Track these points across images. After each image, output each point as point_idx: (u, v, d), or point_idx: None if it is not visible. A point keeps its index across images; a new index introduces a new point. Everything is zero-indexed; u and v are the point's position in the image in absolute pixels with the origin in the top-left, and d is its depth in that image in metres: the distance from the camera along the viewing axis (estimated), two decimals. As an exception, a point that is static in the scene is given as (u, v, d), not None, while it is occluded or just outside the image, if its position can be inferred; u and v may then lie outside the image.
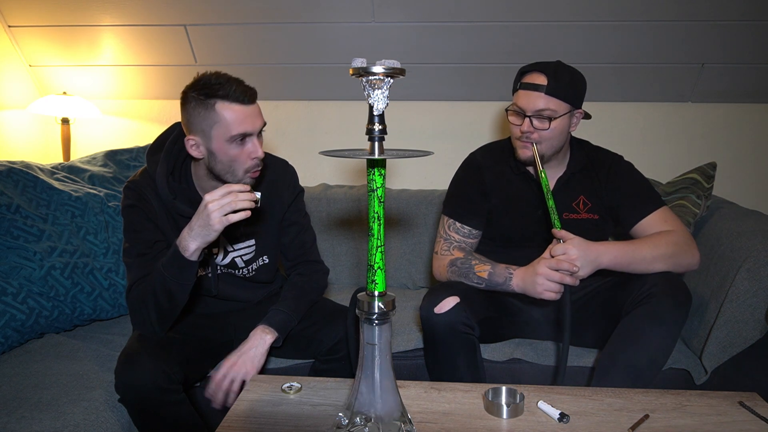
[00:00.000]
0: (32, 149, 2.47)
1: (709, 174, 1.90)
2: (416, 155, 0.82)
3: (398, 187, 2.32)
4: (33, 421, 1.18)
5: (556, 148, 1.51)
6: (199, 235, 1.22)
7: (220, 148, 1.28)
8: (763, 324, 1.51)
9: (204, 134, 1.28)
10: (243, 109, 1.27)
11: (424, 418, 1.06)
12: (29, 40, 2.33)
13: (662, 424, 1.05)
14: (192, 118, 1.28)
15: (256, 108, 1.31)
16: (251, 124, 1.28)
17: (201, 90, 1.25)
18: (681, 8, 2.01)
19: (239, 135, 1.27)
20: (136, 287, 1.32)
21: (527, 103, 1.45)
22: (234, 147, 1.29)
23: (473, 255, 1.58)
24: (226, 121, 1.26)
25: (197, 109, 1.27)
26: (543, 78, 1.44)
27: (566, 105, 1.45)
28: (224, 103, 1.25)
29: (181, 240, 1.24)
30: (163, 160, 1.36)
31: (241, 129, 1.27)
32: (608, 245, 1.40)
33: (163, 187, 1.34)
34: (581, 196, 1.57)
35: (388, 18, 2.13)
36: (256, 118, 1.30)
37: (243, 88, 1.27)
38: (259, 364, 1.36)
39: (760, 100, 2.33)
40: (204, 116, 1.26)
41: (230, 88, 1.25)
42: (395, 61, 0.78)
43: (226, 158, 1.30)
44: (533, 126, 1.45)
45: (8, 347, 1.51)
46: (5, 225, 1.57)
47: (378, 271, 0.87)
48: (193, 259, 1.25)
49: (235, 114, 1.26)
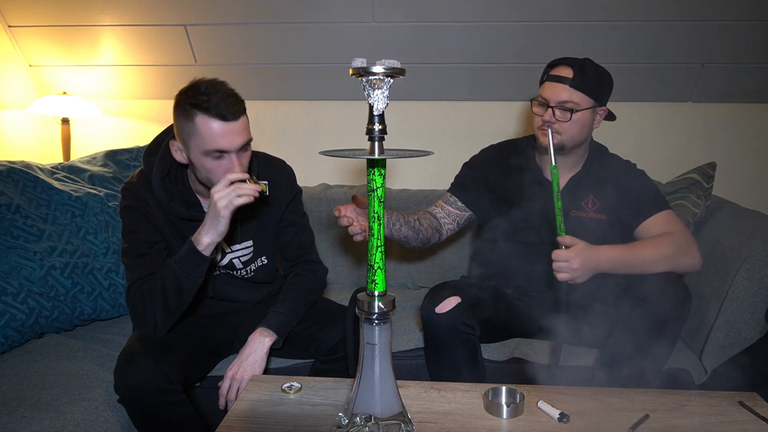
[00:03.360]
0: (32, 149, 2.47)
1: (709, 174, 1.90)
2: (416, 155, 0.82)
3: (398, 187, 2.32)
4: (33, 421, 1.18)
5: (576, 141, 1.51)
6: (210, 227, 1.26)
7: (197, 158, 1.29)
8: (763, 324, 1.51)
9: (184, 143, 1.29)
10: (222, 126, 1.23)
11: (424, 418, 1.06)
12: (29, 40, 2.33)
13: (662, 424, 1.05)
14: (177, 124, 1.29)
15: (239, 125, 1.26)
16: (229, 141, 1.25)
17: (189, 98, 1.24)
18: (681, 8, 2.01)
19: (214, 151, 1.26)
20: (137, 287, 1.33)
21: (551, 94, 1.48)
22: (210, 161, 1.28)
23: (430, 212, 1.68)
24: (203, 136, 1.24)
25: (181, 117, 1.27)
26: (569, 71, 1.46)
27: (589, 100, 1.47)
28: (204, 117, 1.23)
29: (196, 236, 1.29)
30: (159, 162, 1.36)
31: (216, 146, 1.25)
32: (609, 252, 1.39)
33: (159, 189, 1.35)
34: (591, 196, 1.58)
35: (388, 18, 2.13)
36: (235, 136, 1.26)
37: (228, 103, 1.23)
38: (260, 369, 1.37)
39: (760, 100, 2.33)
40: (184, 125, 1.26)
41: (213, 102, 1.22)
42: (395, 61, 0.78)
43: (203, 170, 1.30)
44: (555, 117, 1.47)
45: (8, 347, 1.51)
46: (5, 225, 1.57)
47: (378, 271, 0.87)
48: (207, 254, 1.29)
49: (211, 130, 1.23)
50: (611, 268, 1.38)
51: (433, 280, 2.02)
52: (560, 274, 1.34)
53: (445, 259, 2.13)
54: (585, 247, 1.35)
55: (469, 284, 1.63)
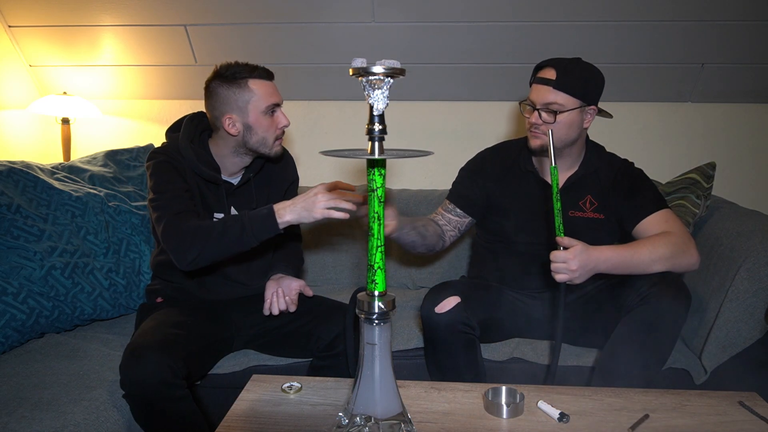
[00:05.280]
0: (32, 149, 2.47)
1: (709, 174, 1.90)
2: (416, 155, 0.82)
3: (398, 187, 2.32)
4: (33, 420, 1.18)
5: (564, 142, 1.51)
6: (297, 212, 1.33)
7: (256, 120, 1.46)
8: (763, 324, 1.51)
9: (241, 110, 1.46)
10: (271, 84, 1.49)
11: (424, 418, 1.06)
12: (29, 40, 2.33)
13: (662, 424, 1.05)
14: (227, 98, 1.45)
15: (275, 84, 1.52)
16: (278, 96, 1.50)
17: (236, 73, 1.44)
18: (680, 8, 2.01)
19: (272, 105, 1.47)
20: (180, 217, 1.37)
21: (537, 97, 1.49)
22: (267, 118, 1.48)
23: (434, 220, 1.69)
24: (260, 95, 1.46)
25: (231, 89, 1.45)
26: (552, 72, 1.46)
27: (575, 100, 1.46)
28: (256, 80, 1.46)
29: (279, 207, 1.34)
30: (185, 131, 1.52)
31: (273, 100, 1.48)
32: (608, 252, 1.38)
33: (187, 149, 1.48)
34: (589, 196, 1.58)
35: (388, 18, 2.13)
36: (278, 93, 1.51)
37: (263, 68, 1.49)
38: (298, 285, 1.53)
39: (759, 100, 2.33)
40: (240, 95, 1.45)
41: (258, 69, 1.47)
42: (395, 61, 0.78)
43: (261, 129, 1.47)
44: (541, 119, 1.48)
45: (8, 347, 1.51)
46: (5, 225, 1.58)
47: (378, 271, 0.87)
48: (279, 229, 1.34)
49: (267, 88, 1.47)
50: (610, 269, 1.38)
51: (433, 280, 2.02)
52: (559, 275, 1.34)
53: (445, 259, 2.14)
54: (584, 247, 1.35)
55: (469, 284, 1.63)
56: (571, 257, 1.33)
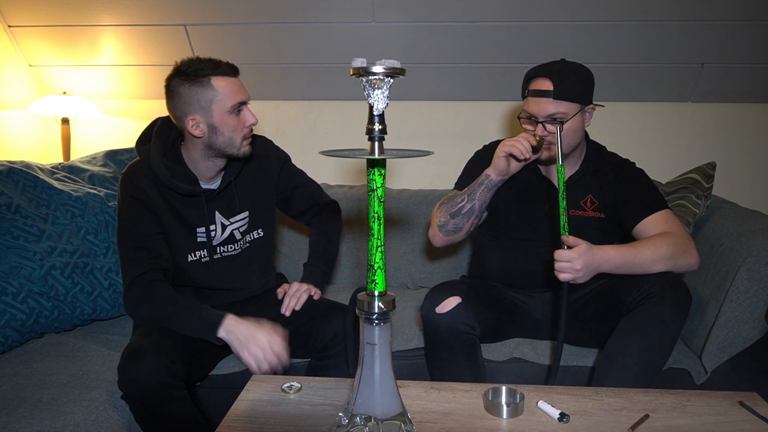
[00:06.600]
0: (32, 149, 2.47)
1: (709, 174, 1.90)
2: (416, 155, 0.82)
3: (398, 187, 2.32)
4: (33, 420, 1.18)
5: (572, 147, 1.53)
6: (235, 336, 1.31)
7: (221, 120, 1.39)
8: (763, 324, 1.51)
9: (204, 110, 1.38)
10: (235, 81, 1.40)
11: (424, 418, 1.06)
12: (29, 40, 2.33)
13: (662, 424, 1.05)
14: (189, 98, 1.37)
15: (240, 80, 1.43)
16: (244, 93, 1.42)
17: (197, 70, 1.36)
18: (680, 8, 2.01)
19: (237, 104, 1.39)
20: (144, 281, 1.35)
21: (538, 110, 1.47)
22: (233, 117, 1.40)
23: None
24: (224, 93, 1.37)
25: (193, 89, 1.37)
26: (549, 83, 1.45)
27: (576, 105, 1.47)
28: (219, 78, 1.38)
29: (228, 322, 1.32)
30: (155, 144, 1.43)
31: (238, 99, 1.39)
32: (611, 252, 1.38)
33: (160, 166, 1.40)
34: (589, 195, 1.58)
35: (388, 18, 2.13)
36: (244, 89, 1.43)
37: (227, 63, 1.40)
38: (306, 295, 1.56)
39: (759, 100, 2.33)
40: (202, 94, 1.37)
41: (221, 65, 1.38)
42: (395, 61, 0.78)
43: (227, 129, 1.40)
44: (546, 130, 1.48)
45: (8, 347, 1.51)
46: (5, 225, 1.58)
47: (378, 271, 0.87)
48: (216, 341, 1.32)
49: (232, 86, 1.39)
50: (612, 269, 1.38)
51: (433, 280, 2.02)
52: (562, 275, 1.34)
53: (445, 259, 2.14)
54: (588, 247, 1.35)
55: (470, 284, 1.63)
56: (576, 256, 1.33)
